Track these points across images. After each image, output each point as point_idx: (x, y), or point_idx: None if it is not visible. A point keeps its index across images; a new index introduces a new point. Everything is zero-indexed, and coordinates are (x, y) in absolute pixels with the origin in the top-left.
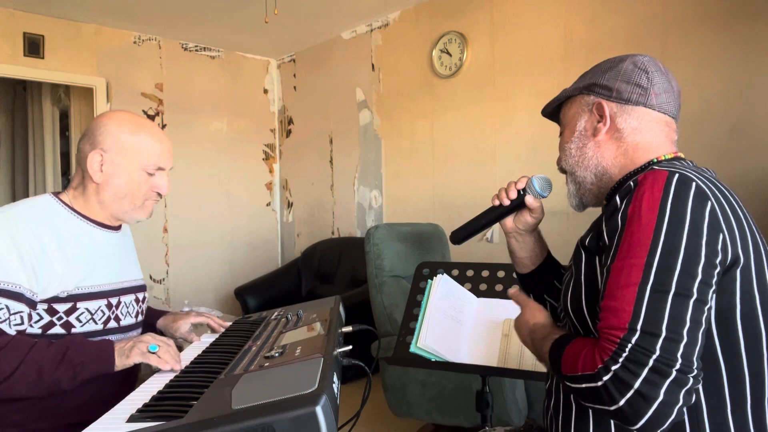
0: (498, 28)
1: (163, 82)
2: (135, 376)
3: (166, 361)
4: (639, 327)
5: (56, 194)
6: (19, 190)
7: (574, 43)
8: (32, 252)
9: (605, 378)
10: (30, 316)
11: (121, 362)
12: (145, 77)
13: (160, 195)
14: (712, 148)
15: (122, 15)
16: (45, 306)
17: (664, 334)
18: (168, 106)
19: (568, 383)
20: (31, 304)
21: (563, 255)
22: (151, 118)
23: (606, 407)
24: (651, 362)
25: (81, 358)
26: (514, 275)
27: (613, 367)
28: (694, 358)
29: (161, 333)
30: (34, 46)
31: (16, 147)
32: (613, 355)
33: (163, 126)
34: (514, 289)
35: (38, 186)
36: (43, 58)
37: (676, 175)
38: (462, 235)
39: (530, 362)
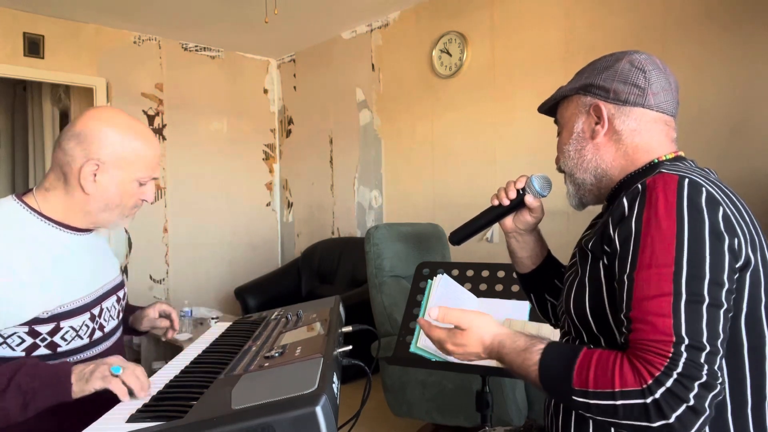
0: (498, 29)
1: (163, 82)
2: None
3: (131, 385)
4: (686, 341)
5: (20, 196)
6: (19, 191)
7: (574, 44)
8: None
9: (658, 394)
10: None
11: (79, 388)
12: (145, 77)
13: (144, 201)
14: (713, 149)
15: (122, 15)
16: (26, 329)
17: (707, 348)
18: (168, 106)
19: (589, 400)
20: None
21: (563, 255)
22: (151, 118)
23: (649, 423)
24: (704, 377)
25: (32, 384)
26: (514, 275)
27: (667, 383)
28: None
29: (134, 331)
30: (34, 46)
31: (16, 147)
32: (665, 369)
33: (163, 126)
34: (436, 312)
35: None
36: (43, 58)
37: (687, 180)
38: (461, 235)
39: None
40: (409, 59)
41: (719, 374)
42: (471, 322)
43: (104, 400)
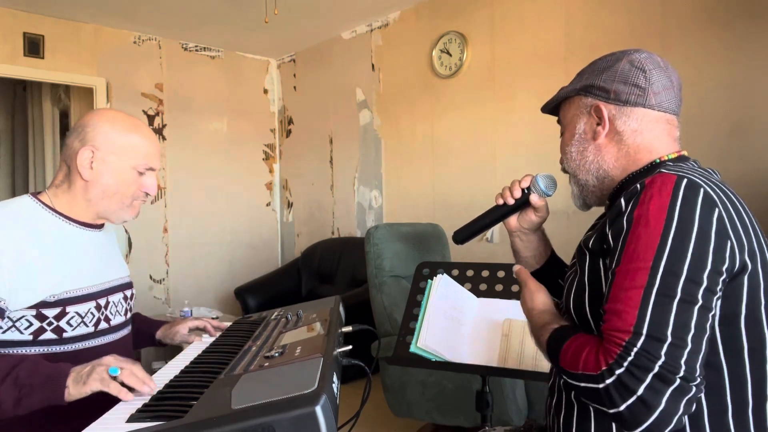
0: (498, 28)
1: (163, 82)
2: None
3: (131, 384)
4: (644, 331)
5: (35, 195)
6: (19, 191)
7: (574, 44)
8: (9, 259)
9: (608, 381)
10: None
11: (76, 391)
12: (145, 77)
13: (147, 195)
14: (713, 149)
15: (122, 15)
16: (33, 312)
17: (669, 339)
18: (168, 106)
19: (566, 378)
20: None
21: (564, 254)
22: (151, 118)
23: (605, 409)
24: (656, 368)
25: (29, 380)
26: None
27: (617, 371)
28: (698, 366)
29: (161, 343)
30: (34, 46)
31: (16, 147)
32: (617, 358)
33: (163, 126)
34: (518, 266)
35: (38, 187)
36: (43, 58)
37: (685, 180)
38: (465, 234)
39: (530, 362)
40: (409, 59)
41: (681, 368)
42: (525, 286)
43: (102, 401)
